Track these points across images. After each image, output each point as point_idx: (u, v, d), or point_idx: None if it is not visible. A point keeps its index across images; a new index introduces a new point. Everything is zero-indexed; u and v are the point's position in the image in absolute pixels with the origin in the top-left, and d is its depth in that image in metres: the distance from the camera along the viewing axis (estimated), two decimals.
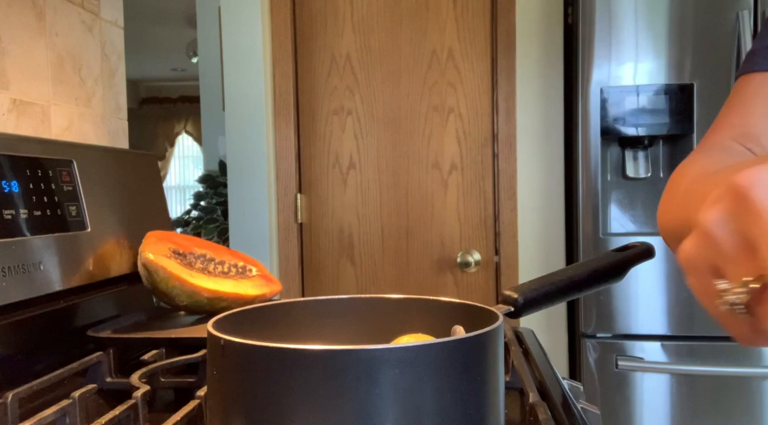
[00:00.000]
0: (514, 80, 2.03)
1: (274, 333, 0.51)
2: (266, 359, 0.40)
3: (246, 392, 0.41)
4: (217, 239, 3.24)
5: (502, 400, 0.45)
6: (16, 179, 0.80)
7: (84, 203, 0.92)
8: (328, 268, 2.15)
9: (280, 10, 2.10)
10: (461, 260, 2.07)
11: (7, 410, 0.59)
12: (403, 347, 0.42)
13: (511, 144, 2.05)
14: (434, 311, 0.54)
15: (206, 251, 0.97)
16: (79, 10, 1.12)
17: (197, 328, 0.86)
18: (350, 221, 2.13)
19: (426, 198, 2.11)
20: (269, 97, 2.12)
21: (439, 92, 2.09)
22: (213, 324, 0.45)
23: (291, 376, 0.39)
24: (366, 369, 0.38)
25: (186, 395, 0.67)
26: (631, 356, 1.62)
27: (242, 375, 0.41)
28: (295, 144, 2.13)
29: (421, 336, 0.52)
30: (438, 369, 0.40)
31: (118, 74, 1.25)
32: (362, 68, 2.11)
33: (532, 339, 0.95)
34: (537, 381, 0.73)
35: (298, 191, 2.14)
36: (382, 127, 2.12)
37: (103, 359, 0.74)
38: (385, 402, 0.39)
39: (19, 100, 0.96)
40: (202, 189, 3.53)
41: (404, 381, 0.39)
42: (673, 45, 1.63)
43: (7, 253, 0.76)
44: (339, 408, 0.38)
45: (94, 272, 0.92)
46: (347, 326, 0.55)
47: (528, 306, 0.59)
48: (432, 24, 2.09)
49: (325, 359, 0.39)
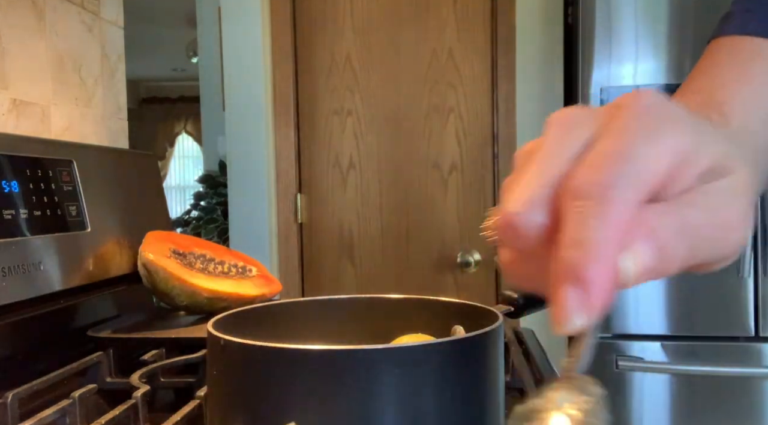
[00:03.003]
0: (514, 80, 2.03)
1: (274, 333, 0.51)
2: (266, 359, 0.40)
3: (246, 392, 0.41)
4: (217, 239, 3.24)
5: (502, 400, 0.45)
6: (16, 179, 0.80)
7: (84, 203, 0.92)
8: (328, 268, 2.15)
9: (280, 10, 2.10)
10: (461, 260, 2.07)
11: (7, 410, 0.59)
12: (403, 347, 0.42)
13: (511, 144, 2.05)
14: (434, 311, 0.54)
15: (206, 251, 0.97)
16: (79, 10, 1.12)
17: (197, 328, 0.86)
18: (350, 221, 2.13)
19: (426, 198, 2.11)
20: (269, 97, 2.12)
21: (439, 92, 2.09)
22: (213, 324, 0.45)
23: (291, 376, 0.39)
24: (366, 369, 0.38)
25: (186, 395, 0.67)
26: (631, 356, 1.62)
27: (242, 375, 0.41)
28: (295, 144, 2.13)
29: (421, 336, 0.52)
30: (438, 369, 0.40)
31: (118, 74, 1.25)
32: (362, 68, 2.11)
33: (532, 339, 0.95)
34: (537, 381, 0.73)
35: (298, 191, 2.14)
36: (382, 127, 2.12)
37: (103, 359, 0.74)
38: (385, 402, 0.39)
39: (19, 100, 0.96)
40: (202, 189, 3.53)
41: (404, 381, 0.39)
42: (673, 45, 1.63)
43: (7, 253, 0.76)
44: (339, 408, 0.38)
45: (94, 272, 0.92)
46: (347, 326, 0.55)
47: (528, 306, 0.59)
48: (432, 24, 2.09)
49: (325, 359, 0.39)
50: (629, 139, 0.25)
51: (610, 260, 0.24)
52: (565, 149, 0.27)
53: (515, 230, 0.27)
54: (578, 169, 0.26)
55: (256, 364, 0.40)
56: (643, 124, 0.26)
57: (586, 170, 0.25)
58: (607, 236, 0.24)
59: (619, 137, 0.26)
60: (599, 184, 0.25)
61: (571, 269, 0.24)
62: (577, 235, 0.24)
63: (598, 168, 0.25)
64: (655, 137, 0.25)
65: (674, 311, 1.64)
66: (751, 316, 1.60)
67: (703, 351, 1.61)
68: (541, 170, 0.27)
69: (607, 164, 0.25)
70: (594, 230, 0.24)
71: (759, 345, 1.60)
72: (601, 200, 0.24)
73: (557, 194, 0.26)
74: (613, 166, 0.25)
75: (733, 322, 1.61)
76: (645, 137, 0.25)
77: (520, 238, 0.27)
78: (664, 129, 0.26)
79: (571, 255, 0.24)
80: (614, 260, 0.24)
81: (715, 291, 1.62)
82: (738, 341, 1.61)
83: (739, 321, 1.60)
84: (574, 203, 0.25)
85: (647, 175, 0.25)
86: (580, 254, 0.24)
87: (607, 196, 0.24)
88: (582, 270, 0.24)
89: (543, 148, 0.28)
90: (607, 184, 0.24)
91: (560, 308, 0.25)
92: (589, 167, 0.25)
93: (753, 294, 1.60)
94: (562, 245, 0.25)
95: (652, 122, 0.26)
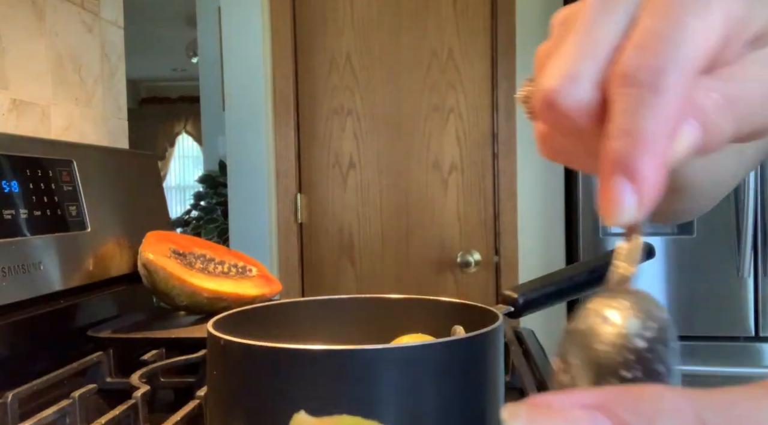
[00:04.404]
0: (514, 80, 2.03)
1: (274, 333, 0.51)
2: (266, 359, 0.40)
3: (246, 392, 0.41)
4: (217, 239, 3.24)
5: (502, 400, 0.45)
6: (16, 179, 0.80)
7: (84, 203, 0.92)
8: (328, 268, 2.15)
9: (280, 10, 2.10)
10: (461, 260, 2.07)
11: (7, 410, 0.59)
12: (403, 347, 0.42)
13: (511, 144, 2.05)
14: (434, 311, 0.54)
15: (206, 251, 0.97)
16: (79, 10, 1.12)
17: (197, 328, 0.86)
18: (350, 221, 2.13)
19: (426, 198, 2.11)
20: (269, 97, 2.12)
21: (439, 92, 2.09)
22: (213, 324, 0.45)
23: (291, 376, 0.39)
24: (366, 369, 0.38)
25: (186, 395, 0.67)
26: None
27: (242, 375, 0.41)
28: (295, 144, 2.13)
29: (421, 336, 0.52)
30: (438, 369, 0.40)
31: (118, 74, 1.25)
32: (362, 68, 2.11)
33: (532, 339, 0.95)
34: (537, 381, 0.73)
35: (298, 191, 2.14)
36: (382, 127, 2.12)
37: (103, 359, 0.74)
38: (385, 402, 0.39)
39: (19, 100, 0.96)
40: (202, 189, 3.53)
41: (404, 381, 0.39)
42: None
43: (7, 253, 0.76)
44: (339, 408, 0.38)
45: (94, 272, 0.92)
46: (347, 326, 0.55)
47: (528, 306, 0.59)
48: (432, 24, 2.09)
49: (325, 359, 0.39)
50: (677, 12, 0.24)
51: (661, 151, 0.23)
52: (607, 20, 0.25)
53: (555, 108, 0.25)
54: (625, 50, 0.24)
55: (256, 364, 0.40)
56: None
57: (633, 52, 0.24)
58: (659, 126, 0.23)
59: (666, 10, 0.24)
60: (649, 69, 0.23)
61: (622, 160, 0.23)
62: (627, 125, 0.23)
63: (647, 50, 0.24)
64: (704, 5, 0.24)
65: (674, 311, 1.64)
66: (751, 316, 1.60)
67: (703, 351, 1.61)
68: (584, 43, 0.25)
69: (657, 45, 0.23)
70: (645, 120, 0.23)
71: (759, 345, 1.60)
72: (651, 88, 0.23)
73: (603, 74, 0.25)
74: (663, 47, 0.23)
75: (733, 322, 1.61)
76: (694, 6, 0.24)
77: (560, 117, 0.25)
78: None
79: (621, 146, 0.23)
80: (666, 151, 0.23)
81: (715, 291, 1.62)
82: (738, 341, 1.61)
83: (739, 321, 1.61)
84: (622, 90, 0.24)
85: (699, 53, 0.23)
86: (630, 145, 0.23)
87: (658, 83, 0.23)
88: (633, 162, 0.23)
89: (584, 16, 0.26)
90: (658, 69, 0.23)
91: (609, 201, 0.24)
92: (637, 49, 0.24)
93: (753, 294, 1.60)
94: (610, 135, 0.24)
95: None
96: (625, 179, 0.23)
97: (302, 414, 0.26)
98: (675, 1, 0.24)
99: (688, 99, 0.24)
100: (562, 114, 0.25)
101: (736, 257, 1.59)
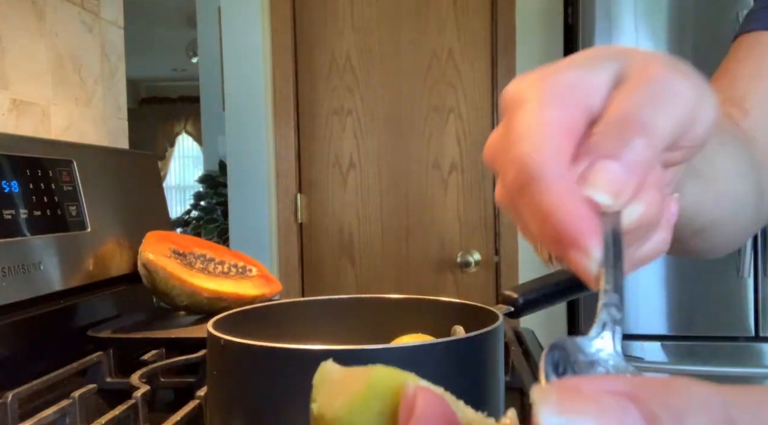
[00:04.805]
0: None
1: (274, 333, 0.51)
2: (266, 359, 0.40)
3: (246, 392, 0.41)
4: (217, 239, 3.24)
5: (502, 400, 0.45)
6: (16, 179, 0.80)
7: (84, 203, 0.92)
8: (328, 268, 2.15)
9: (280, 10, 2.10)
10: (461, 260, 2.07)
11: (7, 410, 0.59)
12: (403, 347, 0.42)
13: None
14: (434, 311, 0.54)
15: (206, 251, 0.97)
16: (79, 10, 1.12)
17: (197, 328, 0.86)
18: (350, 221, 2.13)
19: (426, 198, 2.11)
20: (269, 97, 2.12)
21: (439, 92, 2.09)
22: (213, 324, 0.45)
23: (291, 376, 0.39)
24: None
25: (186, 395, 0.67)
26: (631, 356, 1.62)
27: (242, 375, 0.41)
28: (295, 144, 2.13)
29: (421, 336, 0.52)
30: (438, 369, 0.40)
31: (118, 74, 1.25)
32: (362, 68, 2.11)
33: (532, 339, 0.95)
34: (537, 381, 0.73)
35: (298, 191, 2.14)
36: (382, 127, 2.12)
37: (103, 359, 0.74)
38: None
39: (19, 100, 0.96)
40: (202, 189, 3.53)
41: None
42: (673, 45, 1.63)
43: (7, 253, 0.76)
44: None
45: (94, 272, 0.92)
46: (347, 326, 0.55)
47: (528, 306, 0.59)
48: (432, 24, 2.09)
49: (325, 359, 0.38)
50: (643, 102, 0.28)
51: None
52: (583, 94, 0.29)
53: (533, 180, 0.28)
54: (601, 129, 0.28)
55: (256, 364, 0.40)
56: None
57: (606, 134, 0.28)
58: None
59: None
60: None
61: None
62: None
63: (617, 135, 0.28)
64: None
65: (674, 311, 1.64)
66: (751, 316, 1.60)
67: (703, 351, 1.61)
68: (563, 118, 0.29)
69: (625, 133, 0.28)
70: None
71: (759, 345, 1.60)
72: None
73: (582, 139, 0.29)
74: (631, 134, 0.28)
75: (733, 322, 1.61)
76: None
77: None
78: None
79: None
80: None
81: (715, 291, 1.62)
82: (738, 341, 1.61)
83: (739, 321, 1.61)
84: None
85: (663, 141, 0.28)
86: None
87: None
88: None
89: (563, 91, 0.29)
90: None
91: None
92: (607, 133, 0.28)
93: (753, 294, 1.60)
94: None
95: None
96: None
97: (330, 363, 0.26)
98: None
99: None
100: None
101: (736, 257, 1.59)
